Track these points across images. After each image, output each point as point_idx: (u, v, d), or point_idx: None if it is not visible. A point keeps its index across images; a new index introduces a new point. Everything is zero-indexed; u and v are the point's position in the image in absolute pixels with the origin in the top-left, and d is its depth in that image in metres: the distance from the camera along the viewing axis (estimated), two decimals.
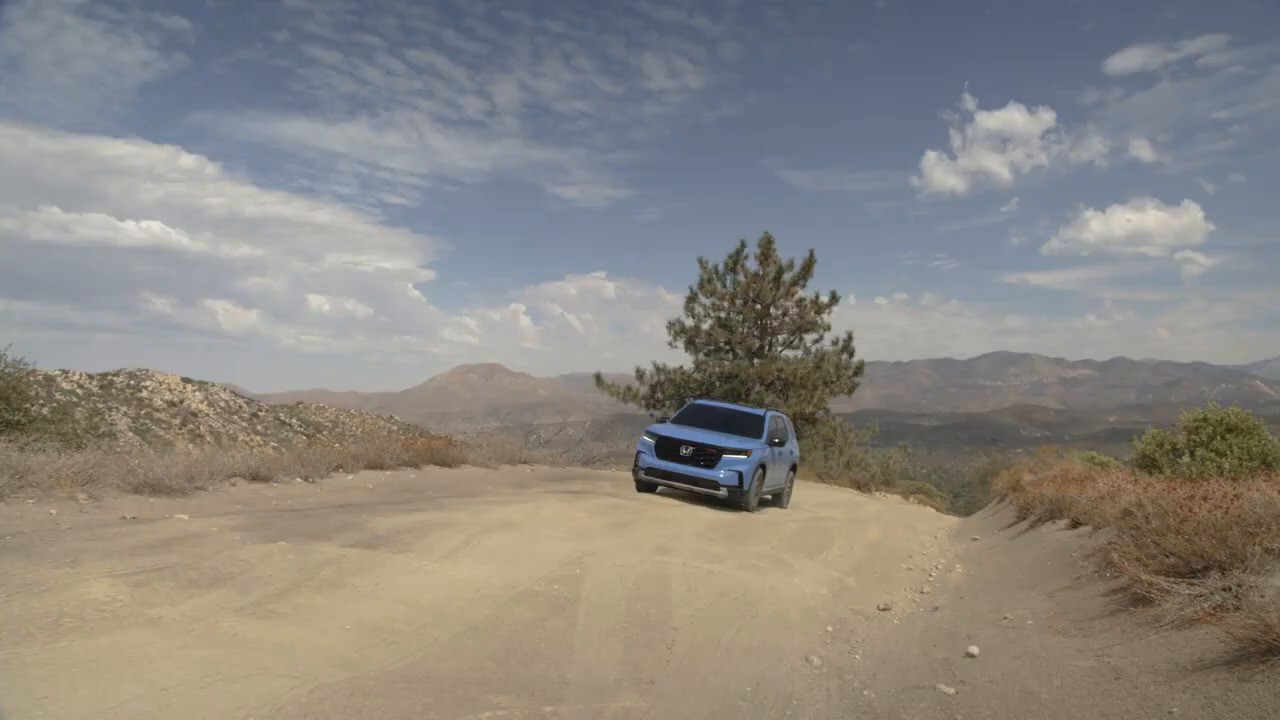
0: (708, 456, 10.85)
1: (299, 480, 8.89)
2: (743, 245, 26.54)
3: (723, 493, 10.67)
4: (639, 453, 11.54)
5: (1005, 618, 4.83)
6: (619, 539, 6.72)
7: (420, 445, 12.39)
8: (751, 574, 5.97)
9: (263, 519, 5.73)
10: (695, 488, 10.87)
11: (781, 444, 12.57)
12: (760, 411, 12.89)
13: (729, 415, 12.91)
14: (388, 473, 10.72)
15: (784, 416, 14.10)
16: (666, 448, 11.17)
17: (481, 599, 4.19)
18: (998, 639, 4.48)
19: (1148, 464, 11.91)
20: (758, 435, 11.65)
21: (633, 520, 7.97)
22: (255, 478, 8.37)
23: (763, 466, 11.29)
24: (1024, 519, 11.08)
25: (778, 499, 13.03)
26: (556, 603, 4.35)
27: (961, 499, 36.12)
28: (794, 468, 14.30)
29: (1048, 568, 6.55)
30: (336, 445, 11.96)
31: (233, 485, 8.01)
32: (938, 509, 24.57)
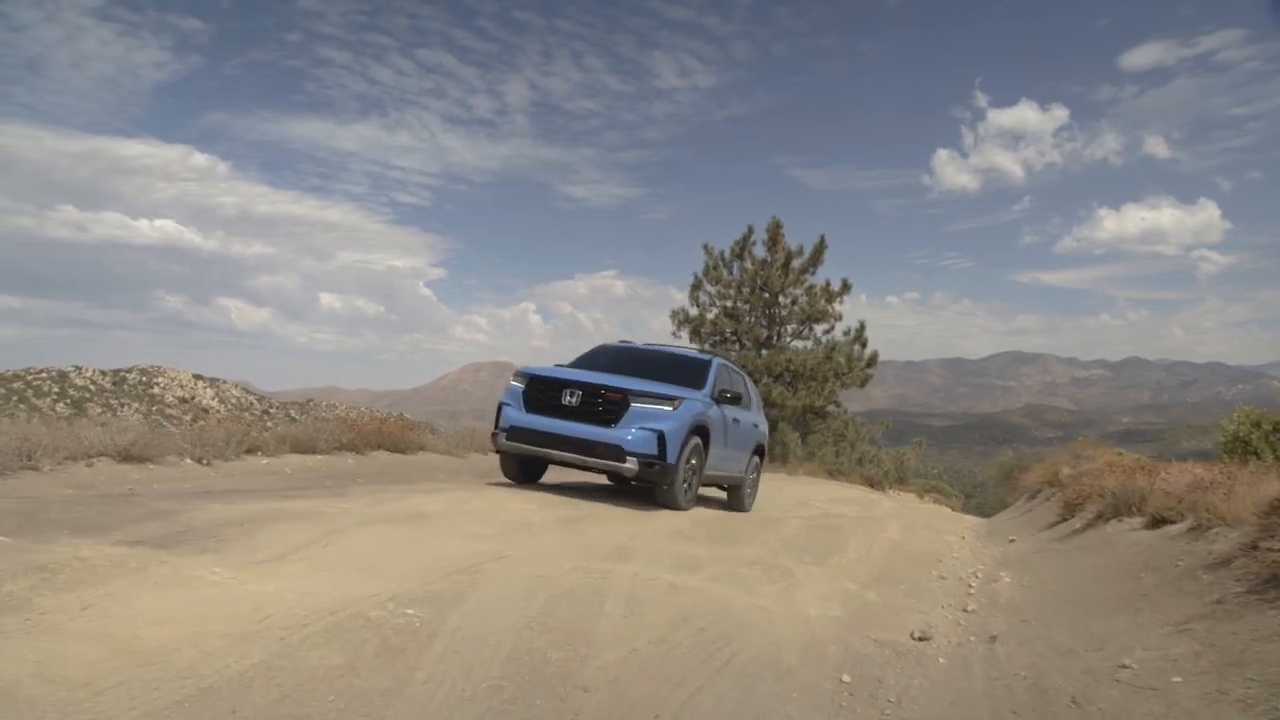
0: (606, 406, 6.90)
1: (189, 462, 7.21)
2: (750, 231, 24.91)
3: (630, 467, 6.73)
4: (501, 406, 7.37)
5: (1125, 666, 3.08)
6: (560, 538, 5.01)
7: (369, 428, 10.67)
8: (734, 588, 4.22)
9: (40, 506, 4.04)
10: (587, 460, 6.96)
11: (738, 406, 8.62)
12: (705, 356, 8.87)
13: (657, 360, 8.77)
14: (319, 458, 9.01)
15: (743, 374, 10.14)
16: (541, 394, 7.16)
17: (261, 633, 2.49)
18: (1135, 709, 2.71)
19: (1238, 449, 10.02)
20: (697, 387, 7.82)
21: (594, 515, 6.26)
22: (126, 457, 6.70)
23: (703, 434, 7.43)
24: (1071, 516, 9.35)
25: (734, 494, 9.08)
26: (398, 639, 2.64)
27: (974, 499, 34.44)
28: (761, 451, 9.92)
29: (1145, 582, 4.78)
30: (268, 427, 10.19)
31: (89, 466, 6.34)
32: (953, 508, 22.79)
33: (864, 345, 24.75)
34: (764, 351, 24.49)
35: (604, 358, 8.75)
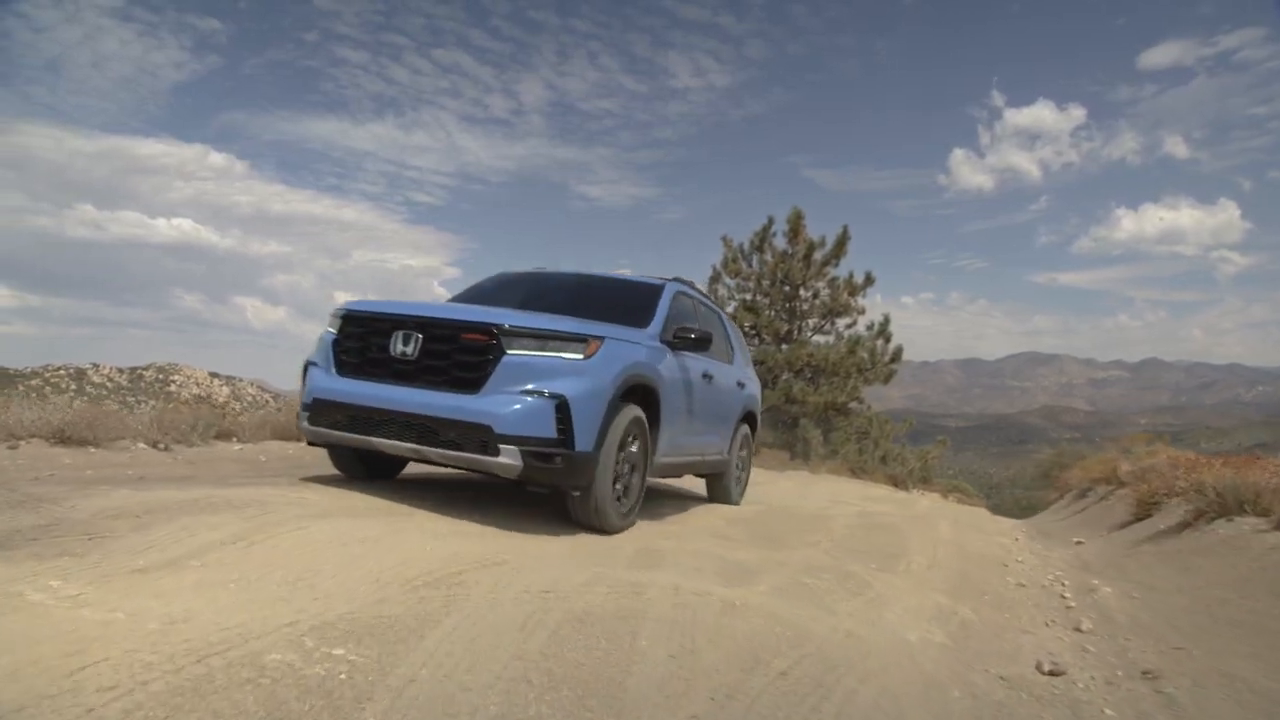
0: (463, 358, 4.12)
1: (142, 446, 6.18)
2: (770, 222, 23.88)
3: (508, 462, 3.91)
4: (306, 367, 4.63)
5: None
6: (571, 536, 3.97)
7: None
8: (806, 606, 3.12)
9: None
10: (427, 453, 4.11)
11: (709, 354, 5.99)
12: (655, 280, 5.97)
13: (581, 289, 6.04)
14: (304, 444, 7.99)
15: (720, 310, 7.36)
16: (362, 343, 4.39)
17: (62, 696, 1.44)
18: None
19: None
20: (640, 324, 5.09)
21: None
22: (63, 439, 5.69)
23: (646, 397, 4.72)
24: (1147, 515, 8.26)
25: (716, 484, 7.03)
26: (305, 704, 1.59)
27: (991, 500, 33.30)
28: (753, 421, 7.49)
29: None
30: (243, 413, 9.14)
31: (12, 448, 5.33)
32: (979, 509, 21.63)
33: (888, 340, 23.67)
34: (784, 346, 23.45)
35: (502, 290, 5.95)
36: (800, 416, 22.41)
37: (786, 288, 23.60)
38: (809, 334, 24.06)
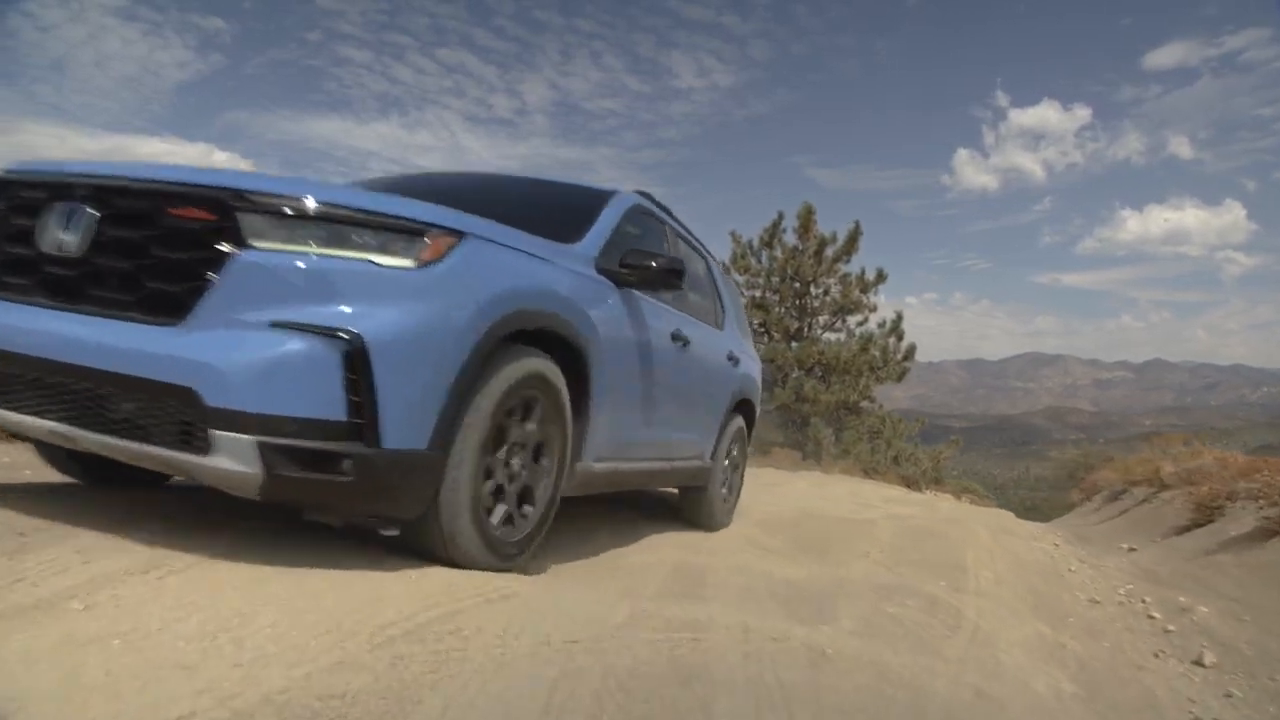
0: (162, 253, 2.09)
1: None
2: (780, 217, 23.26)
3: (222, 464, 1.97)
4: None
5: None
6: (588, 553, 3.25)
7: None
8: (907, 650, 2.39)
9: None
10: (76, 435, 2.10)
11: (683, 308, 4.24)
12: (603, 188, 3.91)
13: (490, 191, 3.99)
14: None
15: (707, 252, 5.31)
16: (7, 230, 2.31)
17: None
18: None
19: None
20: (563, 236, 3.11)
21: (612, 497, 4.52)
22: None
23: (569, 354, 2.81)
24: (1208, 520, 7.58)
25: (694, 500, 4.94)
26: None
27: (997, 500, 32.66)
28: (749, 414, 5.58)
29: None
30: None
31: None
32: (1005, 511, 20.93)
33: (900, 338, 23.08)
34: (794, 344, 22.83)
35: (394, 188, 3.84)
36: (811, 415, 21.79)
37: (796, 284, 23.01)
38: (819, 331, 23.46)
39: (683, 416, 4.23)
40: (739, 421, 5.26)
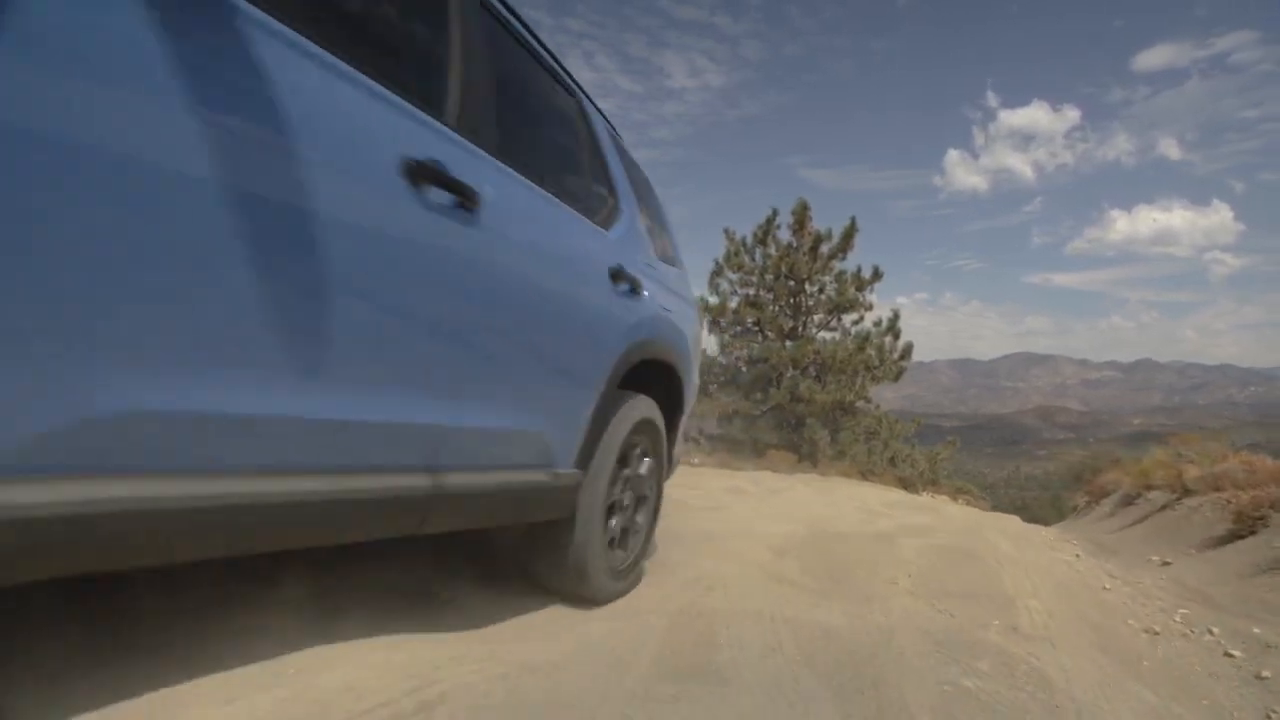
0: None
1: None
2: (775, 214, 22.78)
3: None
4: None
5: None
6: (563, 621, 2.58)
7: None
8: None
9: None
10: None
11: (524, 156, 2.21)
12: None
13: None
14: None
15: (575, 85, 2.98)
16: None
17: None
18: None
19: None
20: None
21: None
22: None
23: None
24: (1251, 532, 7.02)
25: (548, 547, 2.58)
26: None
27: (988, 500, 32.25)
28: (668, 385, 3.27)
29: None
30: None
31: None
32: (1011, 515, 20.41)
33: (897, 336, 22.66)
34: (789, 343, 22.31)
35: None
36: (807, 416, 21.28)
37: (791, 282, 22.54)
38: (814, 330, 22.95)
39: (475, 373, 1.96)
40: (643, 405, 2.89)
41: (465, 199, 1.76)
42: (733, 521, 5.90)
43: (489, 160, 1.96)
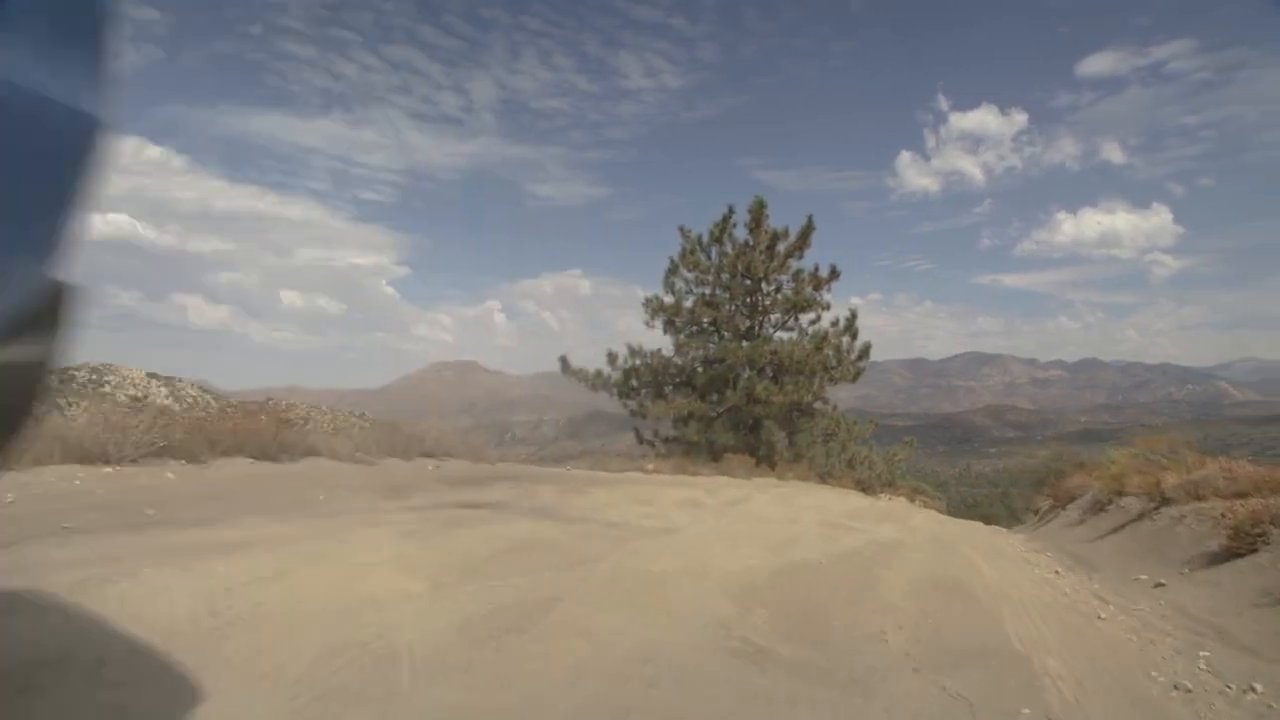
0: None
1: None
2: (731, 211, 22.15)
3: None
4: None
5: None
6: (487, 677, 1.78)
7: (225, 425, 7.20)
8: None
9: None
10: None
11: None
12: None
13: None
14: (110, 470, 5.62)
15: None
16: None
17: None
18: None
19: None
20: None
21: (538, 569, 3.03)
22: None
23: None
24: (1251, 550, 6.43)
25: None
26: None
27: (942, 500, 32.27)
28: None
29: None
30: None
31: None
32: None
33: (854, 336, 22.21)
34: (745, 343, 21.70)
35: None
36: (764, 417, 20.64)
37: (748, 281, 21.97)
38: (771, 330, 22.37)
39: None
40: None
41: None
42: (687, 550, 5.10)
43: None
